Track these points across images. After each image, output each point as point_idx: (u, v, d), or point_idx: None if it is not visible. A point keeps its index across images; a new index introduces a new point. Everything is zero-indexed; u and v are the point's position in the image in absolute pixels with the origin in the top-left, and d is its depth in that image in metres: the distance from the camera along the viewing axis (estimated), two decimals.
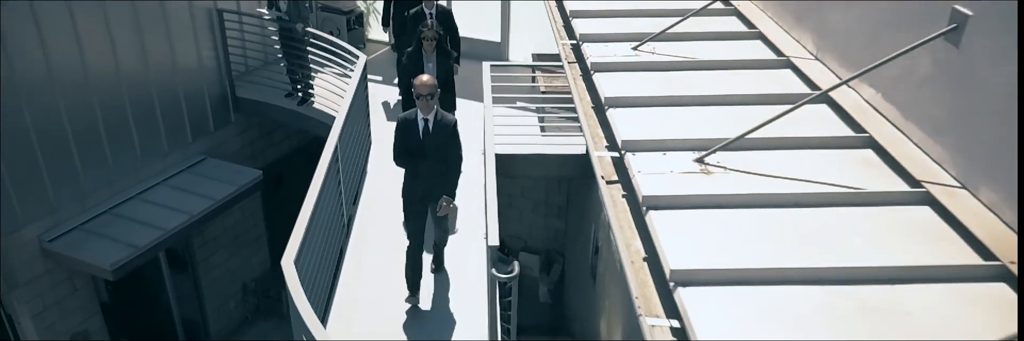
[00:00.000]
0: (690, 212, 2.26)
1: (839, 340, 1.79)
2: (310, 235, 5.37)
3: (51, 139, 7.83)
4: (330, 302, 6.12)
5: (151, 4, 8.52)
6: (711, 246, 2.13)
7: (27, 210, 7.81)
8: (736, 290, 1.95)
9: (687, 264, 1.99)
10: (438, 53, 7.15)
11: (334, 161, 6.51)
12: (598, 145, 2.75)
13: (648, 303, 1.99)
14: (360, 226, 7.09)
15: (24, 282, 7.99)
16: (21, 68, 7.39)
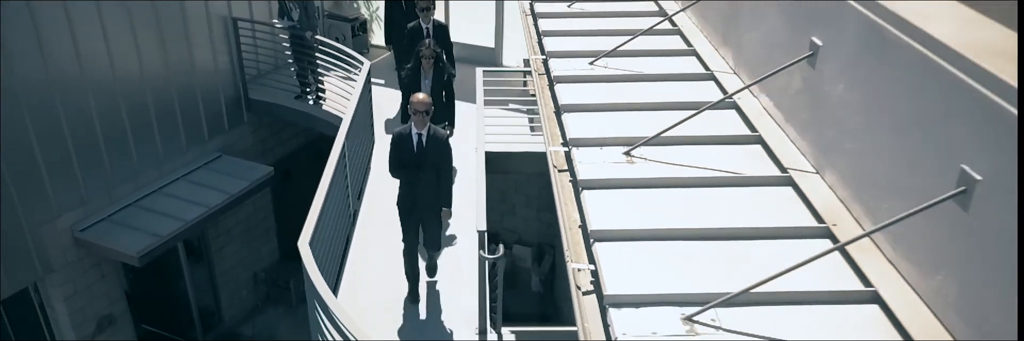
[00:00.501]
0: (614, 191, 3.00)
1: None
2: (322, 221, 6.15)
3: (82, 137, 8.65)
4: (338, 281, 6.91)
5: (172, 12, 9.34)
6: (624, 214, 2.87)
7: (60, 202, 8.63)
8: (636, 244, 2.69)
9: (603, 226, 2.73)
10: (435, 69, 7.75)
11: (342, 157, 7.29)
12: (554, 142, 3.51)
13: (576, 254, 2.73)
14: (364, 216, 7.88)
15: (58, 268, 8.80)
16: (55, 71, 8.22)
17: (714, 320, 2.35)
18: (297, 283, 11.66)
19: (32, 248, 8.47)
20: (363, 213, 8.09)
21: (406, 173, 6.34)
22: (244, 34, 10.31)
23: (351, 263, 7.29)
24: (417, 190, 6.36)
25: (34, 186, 8.33)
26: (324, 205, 6.31)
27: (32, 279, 8.68)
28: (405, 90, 8.01)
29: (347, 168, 7.64)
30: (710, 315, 2.37)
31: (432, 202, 6.38)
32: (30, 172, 8.23)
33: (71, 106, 8.48)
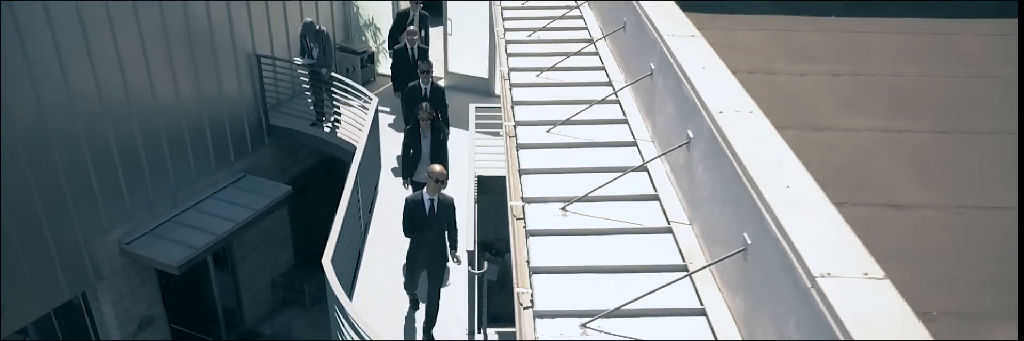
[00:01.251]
0: (552, 237, 4.36)
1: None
2: (341, 240, 7.55)
3: (128, 159, 10.10)
4: (353, 288, 8.32)
5: (205, 49, 10.77)
6: (557, 254, 4.21)
7: (110, 218, 10.07)
8: (562, 275, 4.02)
9: (541, 262, 4.10)
10: (432, 129, 8.83)
11: (356, 183, 8.69)
12: (515, 196, 4.88)
13: (521, 282, 4.07)
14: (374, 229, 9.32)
15: (107, 276, 10.22)
16: (107, 103, 9.65)
17: (600, 327, 3.70)
18: (310, 286, 13.11)
19: (86, 259, 9.92)
20: (373, 226, 9.51)
21: (417, 234, 7.47)
22: (266, 68, 11.73)
23: (363, 272, 8.70)
24: (424, 246, 7.52)
25: (89, 204, 9.78)
26: (342, 227, 7.71)
27: (86, 286, 10.13)
28: (406, 148, 9.09)
29: (359, 193, 9.05)
30: (598, 323, 3.72)
31: (437, 255, 7.52)
32: (86, 192, 9.68)
33: (120, 132, 9.92)
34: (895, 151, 4.28)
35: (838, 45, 5.77)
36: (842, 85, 5.10)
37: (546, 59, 6.53)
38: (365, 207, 9.63)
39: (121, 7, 9.44)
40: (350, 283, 8.57)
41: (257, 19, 11.50)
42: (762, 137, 3.72)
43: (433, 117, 8.83)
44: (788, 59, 5.47)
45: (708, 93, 4.15)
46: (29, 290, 9.34)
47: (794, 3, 6.28)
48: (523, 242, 4.40)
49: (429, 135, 8.87)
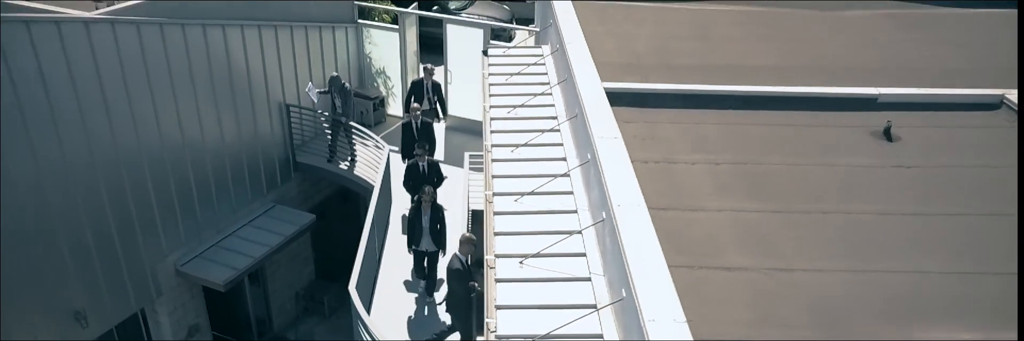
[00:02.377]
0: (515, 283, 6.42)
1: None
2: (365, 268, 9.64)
3: (183, 195, 12.16)
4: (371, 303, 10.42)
5: (245, 100, 12.86)
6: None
7: (168, 245, 12.15)
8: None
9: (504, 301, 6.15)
10: (432, 208, 10.46)
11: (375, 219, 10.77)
12: (490, 252, 6.88)
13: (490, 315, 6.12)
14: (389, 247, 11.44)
15: (165, 292, 12.32)
16: (168, 144, 11.68)
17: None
18: (329, 298, 15.22)
19: (149, 278, 12.03)
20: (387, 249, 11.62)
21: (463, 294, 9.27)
22: (293, 115, 13.82)
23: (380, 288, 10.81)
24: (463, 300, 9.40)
25: (151, 233, 11.88)
26: (363, 258, 9.80)
27: (149, 300, 12.23)
28: (409, 224, 10.69)
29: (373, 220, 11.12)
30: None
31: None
32: (149, 223, 11.77)
33: (176, 171, 12.01)
34: (738, 227, 6.29)
35: (727, 137, 7.79)
36: (720, 173, 7.11)
37: (520, 135, 8.62)
38: (380, 233, 11.73)
39: (179, 67, 11.54)
40: (368, 297, 10.68)
41: (287, 76, 13.60)
42: (640, 222, 5.76)
43: (433, 197, 10.48)
44: (687, 150, 7.49)
45: (614, 188, 6.24)
46: (107, 304, 11.46)
47: (703, 98, 8.34)
48: (493, 286, 6.47)
49: (429, 212, 10.45)
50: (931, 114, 8.20)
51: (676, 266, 5.71)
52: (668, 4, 12.29)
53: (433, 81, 13.32)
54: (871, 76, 9.21)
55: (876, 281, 5.87)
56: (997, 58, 10.03)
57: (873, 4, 12.45)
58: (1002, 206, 6.76)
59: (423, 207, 10.49)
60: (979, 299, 5.68)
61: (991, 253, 6.17)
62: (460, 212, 12.26)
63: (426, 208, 10.49)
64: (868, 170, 7.26)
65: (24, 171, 9.86)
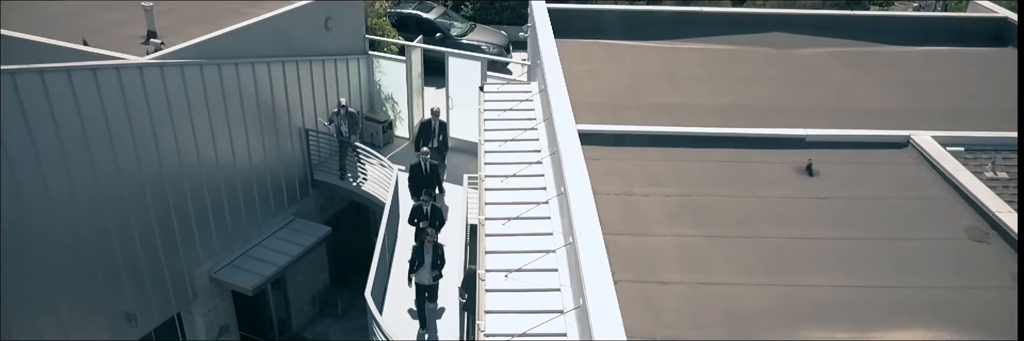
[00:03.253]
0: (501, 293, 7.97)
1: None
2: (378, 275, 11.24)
3: (217, 209, 13.76)
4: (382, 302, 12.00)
5: (269, 126, 14.43)
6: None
7: (203, 254, 13.76)
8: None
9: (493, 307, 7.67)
10: (434, 247, 11.63)
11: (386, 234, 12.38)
12: (481, 267, 8.44)
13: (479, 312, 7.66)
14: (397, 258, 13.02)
15: (200, 295, 13.93)
16: (205, 164, 13.28)
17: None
18: (342, 301, 16.81)
19: (188, 284, 13.64)
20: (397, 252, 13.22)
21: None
22: (312, 138, 15.43)
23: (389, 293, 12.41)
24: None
25: (189, 244, 13.48)
26: (377, 269, 11.40)
27: (186, 303, 13.84)
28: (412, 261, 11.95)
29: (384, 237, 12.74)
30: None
31: None
32: (188, 234, 13.38)
33: (211, 188, 13.59)
34: (677, 249, 7.83)
35: (677, 172, 9.34)
36: (668, 203, 8.67)
37: (509, 167, 10.22)
38: (390, 246, 13.34)
39: (215, 100, 13.15)
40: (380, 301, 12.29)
41: (306, 103, 15.21)
42: (596, 246, 7.34)
43: (435, 239, 11.79)
44: (643, 184, 9.05)
45: (577, 218, 7.85)
46: (152, 306, 13.08)
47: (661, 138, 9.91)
48: (483, 295, 8.07)
49: (431, 251, 11.69)
50: (849, 151, 9.78)
51: (624, 281, 7.32)
52: (645, 42, 13.90)
53: (440, 121, 14.58)
54: (807, 116, 10.80)
55: (782, 292, 7.46)
56: (918, 98, 11.64)
57: (826, 42, 14.06)
58: (898, 232, 8.35)
59: (426, 247, 11.64)
60: (863, 307, 7.26)
61: (881, 270, 7.74)
62: (459, 225, 13.86)
63: (429, 247, 11.63)
64: (789, 201, 8.85)
65: (85, 190, 11.47)
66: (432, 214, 12.63)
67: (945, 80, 12.57)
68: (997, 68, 13.14)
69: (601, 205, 8.30)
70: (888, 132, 10.08)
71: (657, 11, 15.30)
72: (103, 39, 12.98)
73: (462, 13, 23.84)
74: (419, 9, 21.75)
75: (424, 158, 13.41)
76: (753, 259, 7.91)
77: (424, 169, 13.38)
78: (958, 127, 10.41)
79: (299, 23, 14.49)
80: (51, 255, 11.34)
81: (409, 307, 12.39)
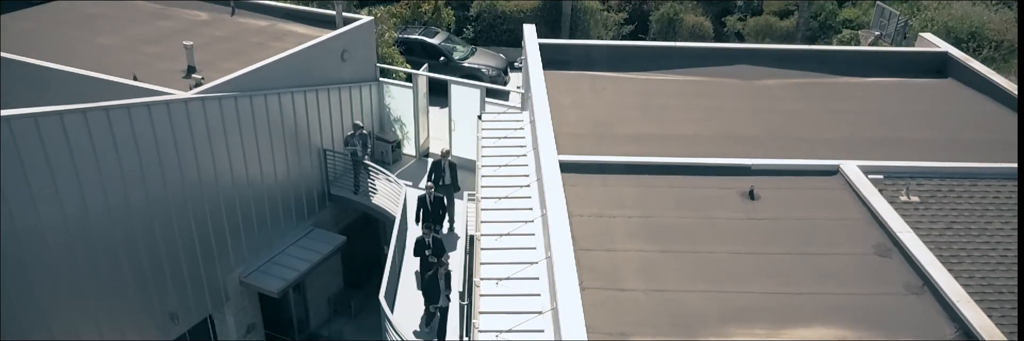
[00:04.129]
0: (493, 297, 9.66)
1: None
2: (390, 281, 13.01)
3: (247, 221, 15.53)
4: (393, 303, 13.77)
5: (293, 146, 16.19)
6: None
7: (235, 260, 15.53)
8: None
9: (486, 309, 9.39)
10: (446, 274, 13.22)
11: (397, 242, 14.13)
12: (477, 276, 10.14)
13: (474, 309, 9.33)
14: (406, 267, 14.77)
15: (231, 297, 15.72)
16: (238, 181, 15.07)
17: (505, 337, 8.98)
18: (355, 302, 18.55)
19: (222, 287, 15.41)
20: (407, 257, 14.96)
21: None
22: (329, 157, 17.21)
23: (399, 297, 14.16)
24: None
25: (223, 251, 15.24)
26: (390, 274, 13.16)
27: (220, 304, 15.62)
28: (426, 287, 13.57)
29: (394, 246, 14.48)
30: (504, 336, 8.98)
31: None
32: (222, 243, 15.14)
33: (242, 202, 15.35)
34: (636, 262, 9.55)
35: (641, 197, 11.05)
36: (631, 224, 10.38)
37: (502, 190, 11.97)
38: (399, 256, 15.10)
39: (247, 125, 14.91)
40: (392, 303, 14.05)
41: (325, 126, 16.99)
42: (567, 260, 9.09)
43: (447, 270, 13.39)
44: (611, 206, 10.76)
45: (554, 236, 9.60)
46: (192, 307, 14.85)
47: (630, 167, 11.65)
48: (478, 299, 9.83)
49: (443, 279, 13.42)
50: (787, 178, 11.51)
51: (590, 288, 9.08)
52: (625, 74, 15.65)
53: (450, 162, 15.98)
54: (759, 145, 12.53)
55: (720, 298, 9.20)
56: (857, 128, 13.36)
57: (786, 73, 15.81)
58: (819, 247, 10.09)
59: (439, 274, 13.26)
60: (783, 309, 8.99)
61: (801, 279, 9.47)
62: (461, 234, 15.62)
63: (442, 276, 13.37)
64: (733, 221, 10.60)
65: (138, 208, 13.24)
66: (434, 245, 13.88)
67: (885, 110, 14.30)
68: (935, 99, 14.89)
69: (575, 225, 10.09)
70: (822, 161, 11.82)
71: (637, 46, 17.08)
72: (149, 73, 14.74)
73: (464, 36, 25.61)
74: (424, 35, 23.53)
75: (429, 192, 14.96)
76: (698, 270, 9.67)
77: (428, 202, 14.97)
78: (885, 156, 12.14)
79: (319, 56, 16.25)
80: (111, 264, 13.12)
81: (417, 308, 14.14)
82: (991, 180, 11.58)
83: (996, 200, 11.28)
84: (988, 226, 10.83)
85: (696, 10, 25.93)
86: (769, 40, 25.13)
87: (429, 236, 13.93)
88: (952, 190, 11.43)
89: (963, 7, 24.79)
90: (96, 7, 18.58)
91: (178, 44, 15.79)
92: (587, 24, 25.31)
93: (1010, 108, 14.22)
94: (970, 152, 12.45)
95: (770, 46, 17.83)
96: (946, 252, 10.30)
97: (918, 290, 9.27)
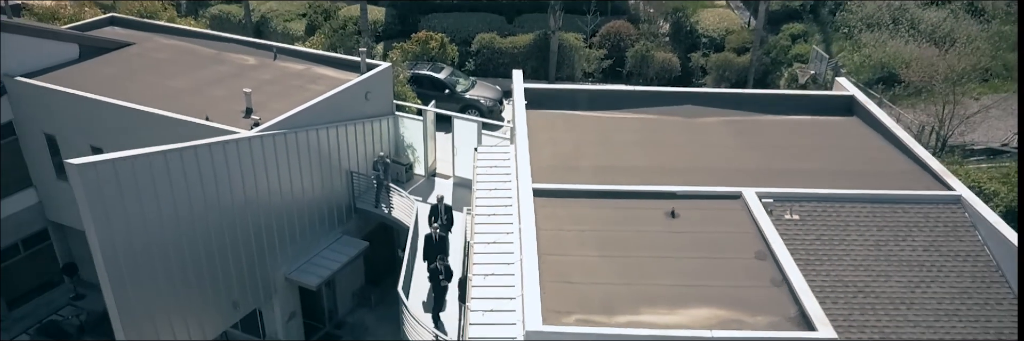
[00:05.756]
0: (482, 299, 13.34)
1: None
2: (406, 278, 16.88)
3: (291, 228, 19.38)
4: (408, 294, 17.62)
5: (327, 170, 20.05)
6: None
7: (282, 261, 19.40)
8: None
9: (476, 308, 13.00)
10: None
11: (410, 253, 17.98)
12: (470, 280, 13.84)
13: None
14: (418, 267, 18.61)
15: (278, 290, 19.61)
16: (287, 197, 18.93)
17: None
18: (375, 295, 22.38)
19: (271, 282, 19.29)
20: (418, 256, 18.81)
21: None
22: (356, 178, 21.08)
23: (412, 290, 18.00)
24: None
25: (272, 254, 19.11)
26: (407, 273, 17.00)
27: (269, 297, 19.49)
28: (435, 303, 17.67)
29: (410, 250, 18.31)
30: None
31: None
32: (272, 247, 19.01)
33: (288, 214, 19.19)
34: (583, 265, 13.23)
35: (593, 216, 14.83)
36: (584, 237, 14.08)
37: (492, 209, 15.82)
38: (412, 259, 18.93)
39: (293, 155, 18.76)
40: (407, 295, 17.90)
41: (351, 152, 20.83)
42: (533, 264, 12.90)
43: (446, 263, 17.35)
44: (569, 224, 14.47)
45: (525, 246, 13.42)
46: (248, 297, 18.72)
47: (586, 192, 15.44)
48: (471, 290, 13.64)
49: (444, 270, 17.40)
50: (701, 201, 15.30)
51: (548, 281, 12.88)
52: (594, 113, 19.45)
53: (445, 205, 19.19)
54: (691, 174, 16.29)
55: (640, 289, 12.97)
56: (768, 160, 17.12)
57: (722, 112, 19.56)
58: (716, 253, 13.88)
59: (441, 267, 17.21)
60: (682, 297, 12.74)
61: (700, 276, 13.23)
62: (459, 241, 19.46)
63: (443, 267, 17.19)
64: (658, 234, 14.40)
65: (215, 221, 17.12)
66: (445, 271, 17.17)
67: (794, 145, 18.07)
68: (837, 136, 18.62)
69: (541, 237, 13.91)
70: (729, 188, 15.60)
71: (604, 90, 20.88)
72: (216, 113, 18.60)
73: (465, 69, 29.47)
74: (432, 70, 27.41)
75: (434, 230, 18.34)
76: (625, 270, 13.47)
77: (434, 239, 18.28)
78: (781, 184, 15.87)
79: (348, 97, 20.07)
80: (191, 266, 16.98)
81: (426, 300, 17.98)
82: (856, 203, 15.36)
83: (857, 219, 15.07)
84: (846, 238, 14.64)
85: (665, 47, 29.71)
86: (728, 73, 28.91)
87: (440, 264, 17.17)
88: (825, 211, 15.24)
89: (896, 45, 28.51)
90: (162, 52, 22.44)
91: (235, 86, 19.64)
92: (572, 59, 29.12)
93: (893, 144, 17.96)
94: (848, 180, 16.19)
95: (711, 90, 21.59)
96: (810, 257, 14.14)
97: (779, 284, 13.08)
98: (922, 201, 15.42)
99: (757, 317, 12.30)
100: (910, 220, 15.06)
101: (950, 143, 24.28)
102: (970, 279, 13.99)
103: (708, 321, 12.17)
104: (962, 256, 14.36)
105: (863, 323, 13.19)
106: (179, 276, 16.74)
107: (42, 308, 22.37)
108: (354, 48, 24.40)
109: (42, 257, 22.43)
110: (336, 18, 31.03)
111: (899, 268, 14.12)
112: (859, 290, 13.70)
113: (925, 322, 13.27)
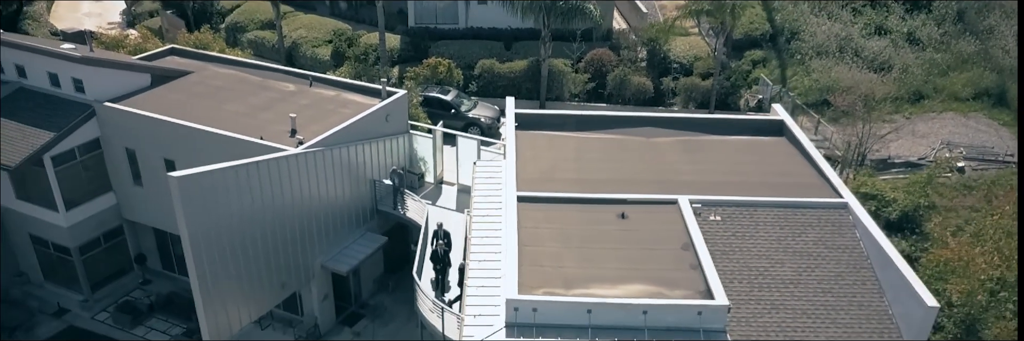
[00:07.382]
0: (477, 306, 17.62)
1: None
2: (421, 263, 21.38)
3: (326, 227, 23.86)
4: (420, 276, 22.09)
5: (355, 179, 24.49)
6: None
7: (320, 251, 23.89)
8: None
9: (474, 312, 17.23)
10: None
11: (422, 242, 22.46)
12: (467, 269, 18.12)
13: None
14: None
15: (316, 275, 24.13)
16: (323, 203, 23.50)
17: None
18: (392, 282, 26.86)
19: (311, 268, 23.80)
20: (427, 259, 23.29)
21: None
22: (376, 185, 25.56)
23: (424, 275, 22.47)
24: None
25: (312, 246, 23.59)
26: (420, 261, 21.49)
27: (308, 280, 23.98)
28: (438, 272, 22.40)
29: (425, 244, 22.76)
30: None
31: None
32: (310, 241, 23.49)
33: (326, 215, 23.66)
34: (552, 254, 17.57)
35: (564, 218, 19.14)
36: (555, 234, 18.36)
37: (487, 215, 20.27)
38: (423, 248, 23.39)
39: (328, 167, 23.24)
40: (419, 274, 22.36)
41: (372, 164, 25.30)
42: (511, 253, 17.29)
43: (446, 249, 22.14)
44: (544, 223, 18.82)
45: (507, 239, 17.86)
46: (292, 280, 23.24)
47: (561, 200, 19.79)
48: (469, 272, 18.07)
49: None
50: (647, 206, 19.65)
51: (524, 265, 17.32)
52: (571, 133, 23.88)
53: (444, 231, 23.04)
54: (645, 184, 20.68)
55: (591, 272, 17.34)
56: (703, 173, 21.49)
57: (675, 133, 23.93)
58: (653, 245, 18.28)
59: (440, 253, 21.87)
60: (624, 277, 17.14)
61: (640, 262, 17.60)
62: (459, 239, 23.93)
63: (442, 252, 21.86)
64: (610, 231, 18.81)
65: (270, 222, 21.62)
66: (444, 272, 22.08)
67: (730, 161, 22.42)
68: (765, 153, 22.96)
69: (521, 233, 18.31)
70: (669, 196, 19.94)
71: (581, 115, 25.29)
72: (268, 133, 23.07)
73: (468, 90, 33.93)
74: (440, 93, 31.88)
75: (439, 246, 22.45)
76: (583, 258, 17.87)
77: (438, 253, 22.48)
78: (711, 192, 20.22)
79: (372, 119, 24.49)
80: (252, 257, 21.49)
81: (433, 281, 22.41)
82: (766, 207, 19.73)
83: (764, 220, 19.43)
84: (755, 234, 19.00)
85: (641, 72, 34.12)
86: (695, 94, 33.30)
87: (439, 249, 21.69)
88: (741, 213, 19.60)
89: (840, 71, 32.79)
90: (218, 80, 26.91)
91: (280, 110, 24.09)
92: (561, 82, 33.59)
93: (808, 160, 22.28)
94: (765, 190, 20.53)
95: (668, 114, 26.01)
96: (725, 249, 18.53)
97: (695, 268, 17.51)
98: (817, 206, 19.76)
99: (675, 291, 16.72)
100: (806, 221, 19.42)
101: (875, 157, 28.61)
102: (845, 266, 18.35)
103: (639, 293, 16.59)
104: (841, 248, 18.74)
105: (759, 297, 17.57)
106: (243, 263, 21.23)
107: (119, 291, 26.91)
108: (376, 77, 28.87)
109: (118, 249, 26.97)
110: (358, 45, 35.54)
111: (792, 257, 18.49)
112: (759, 273, 18.08)
113: (806, 296, 17.65)
